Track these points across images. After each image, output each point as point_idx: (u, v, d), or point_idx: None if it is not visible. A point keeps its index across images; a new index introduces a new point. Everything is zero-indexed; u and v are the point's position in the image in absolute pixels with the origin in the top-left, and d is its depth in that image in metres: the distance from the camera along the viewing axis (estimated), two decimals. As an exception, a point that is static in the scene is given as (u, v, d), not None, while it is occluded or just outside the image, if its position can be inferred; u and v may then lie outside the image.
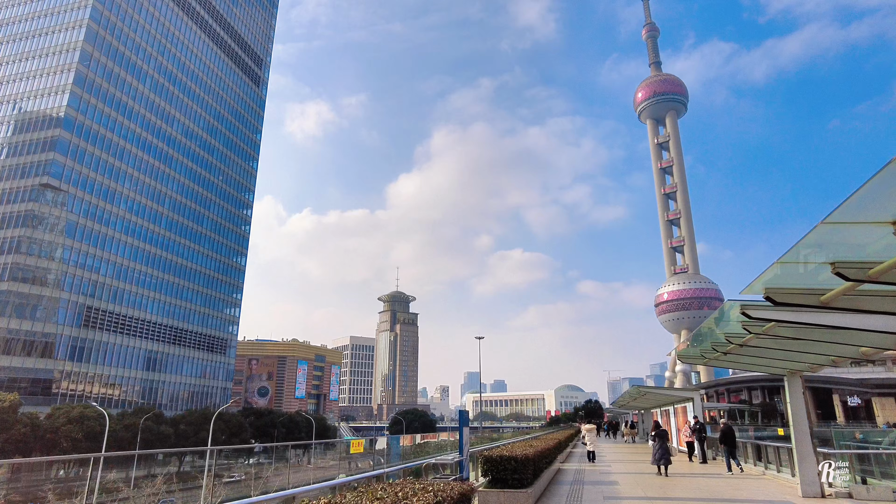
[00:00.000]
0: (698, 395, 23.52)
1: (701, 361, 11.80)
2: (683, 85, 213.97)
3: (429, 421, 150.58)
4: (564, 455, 26.14)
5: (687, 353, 12.09)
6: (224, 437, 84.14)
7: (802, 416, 11.23)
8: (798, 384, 11.41)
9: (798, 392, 11.28)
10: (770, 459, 16.86)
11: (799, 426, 11.57)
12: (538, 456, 11.54)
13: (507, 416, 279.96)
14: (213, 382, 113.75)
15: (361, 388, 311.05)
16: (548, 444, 14.87)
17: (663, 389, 32.39)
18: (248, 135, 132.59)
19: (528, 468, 10.42)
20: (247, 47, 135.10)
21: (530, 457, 10.74)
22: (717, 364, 11.90)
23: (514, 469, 10.09)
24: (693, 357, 12.09)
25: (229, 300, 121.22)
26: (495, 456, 10.16)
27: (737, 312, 6.90)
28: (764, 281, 5.83)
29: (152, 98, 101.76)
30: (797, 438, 11.74)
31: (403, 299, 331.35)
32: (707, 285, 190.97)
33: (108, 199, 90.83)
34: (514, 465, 10.08)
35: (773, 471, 16.55)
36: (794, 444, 11.76)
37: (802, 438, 11.67)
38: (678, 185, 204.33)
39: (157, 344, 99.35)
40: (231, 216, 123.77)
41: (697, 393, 23.67)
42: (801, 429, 11.54)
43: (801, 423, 11.39)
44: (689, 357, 12.40)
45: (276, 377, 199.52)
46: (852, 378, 70.48)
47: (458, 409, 8.81)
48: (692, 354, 11.86)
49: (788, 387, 11.59)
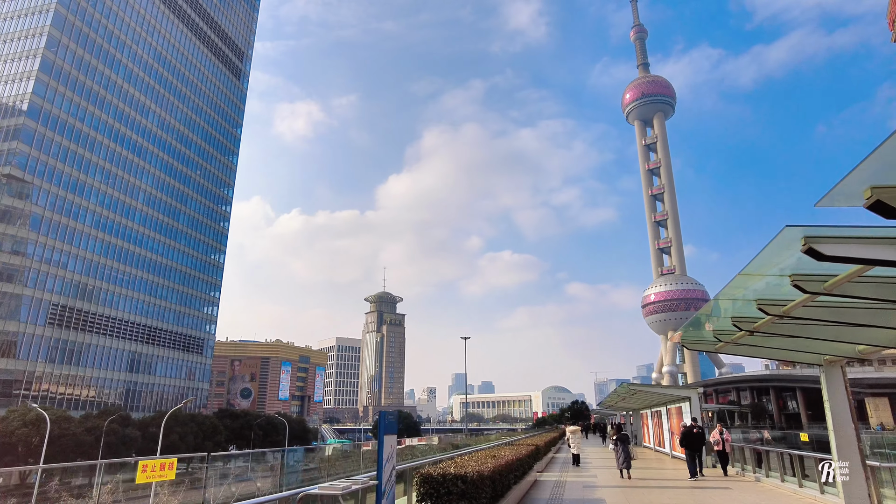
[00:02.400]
0: (696, 395, 20.75)
1: (709, 347, 9.21)
2: (671, 86, 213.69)
3: (413, 423, 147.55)
4: (545, 462, 23.62)
5: (693, 337, 9.51)
6: (197, 439, 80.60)
7: (846, 418, 8.62)
8: (839, 377, 8.79)
9: (839, 387, 8.69)
10: (793, 470, 14.03)
11: (841, 431, 8.99)
12: (502, 470, 8.99)
13: (493, 418, 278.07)
14: (189, 383, 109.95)
15: (347, 389, 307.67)
16: (518, 454, 12.13)
17: (656, 387, 29.38)
18: (227, 128, 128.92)
19: (482, 490, 7.88)
20: (227, 38, 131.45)
21: (487, 474, 8.25)
22: (728, 351, 9.11)
23: (463, 493, 7.40)
24: (700, 341, 9.45)
25: (207, 298, 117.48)
26: (437, 474, 7.41)
27: (791, 255, 4.31)
28: (869, 174, 3.12)
29: (125, 88, 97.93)
30: (840, 446, 9.16)
31: (390, 300, 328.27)
32: (694, 286, 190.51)
33: (78, 192, 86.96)
34: (463, 488, 7.42)
35: (792, 483, 14.06)
36: (836, 454, 9.23)
37: (847, 447, 9.07)
38: (665, 186, 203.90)
39: (130, 343, 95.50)
40: (209, 212, 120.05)
41: (695, 392, 20.90)
42: (845, 434, 8.96)
43: (844, 428, 8.77)
44: (696, 341, 9.74)
45: (260, 378, 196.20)
46: (845, 378, 68.92)
47: (380, 412, 5.97)
48: (699, 338, 9.29)
49: (826, 380, 9.12)
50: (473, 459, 9.37)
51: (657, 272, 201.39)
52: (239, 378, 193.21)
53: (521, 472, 12.26)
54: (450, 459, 9.66)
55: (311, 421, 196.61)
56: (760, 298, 6.02)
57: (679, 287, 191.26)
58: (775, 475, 15.76)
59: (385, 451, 6.58)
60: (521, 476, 12.05)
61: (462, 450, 22.14)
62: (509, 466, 10.31)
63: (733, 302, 6.65)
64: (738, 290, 6.27)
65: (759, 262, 5.11)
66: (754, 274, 5.80)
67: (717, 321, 7.76)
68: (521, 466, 12.20)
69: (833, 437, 8.85)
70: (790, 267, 4.87)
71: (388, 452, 6.66)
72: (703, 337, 9.03)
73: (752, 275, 5.82)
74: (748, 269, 5.56)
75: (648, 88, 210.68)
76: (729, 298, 6.39)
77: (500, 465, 9.20)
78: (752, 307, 6.41)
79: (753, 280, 5.79)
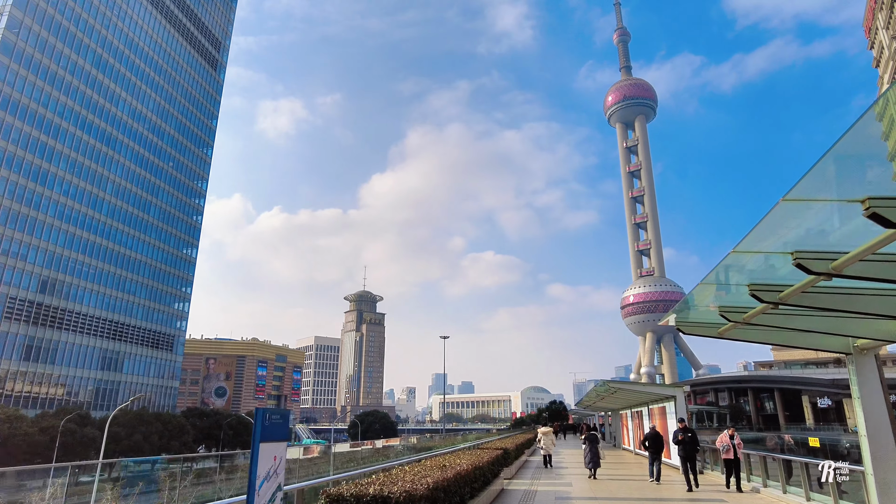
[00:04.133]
0: (681, 393, 19.08)
1: (708, 331, 7.40)
2: (653, 89, 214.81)
3: (390, 423, 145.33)
4: (517, 466, 21.92)
5: (690, 319, 7.72)
6: (163, 440, 77.55)
7: (882, 420, 6.61)
8: (872, 367, 6.90)
9: (873, 380, 6.82)
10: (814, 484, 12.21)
11: (877, 437, 6.97)
12: (448, 486, 7.15)
13: (472, 418, 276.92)
14: (157, 381, 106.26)
15: (325, 389, 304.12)
16: (478, 461, 10.09)
17: (638, 385, 27.52)
18: (202, 120, 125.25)
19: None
20: (203, 28, 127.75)
21: (421, 494, 6.24)
22: (732, 335, 7.16)
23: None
24: (698, 324, 7.69)
25: (177, 294, 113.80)
26: (348, 495, 5.64)
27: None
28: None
29: (93, 73, 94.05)
30: (875, 454, 7.13)
31: (370, 299, 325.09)
32: (672, 288, 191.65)
33: (40, 181, 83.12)
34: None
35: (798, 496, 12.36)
36: (870, 465, 7.25)
37: (885, 456, 7.09)
38: (646, 188, 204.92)
39: (95, 339, 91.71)
40: (181, 205, 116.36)
41: (681, 390, 19.25)
42: (881, 438, 7.00)
43: (879, 432, 6.76)
44: (693, 323, 7.93)
45: (235, 377, 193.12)
46: (824, 378, 68.39)
47: (256, 409, 4.04)
48: (698, 320, 7.53)
49: (857, 372, 7.09)
50: (412, 472, 7.48)
51: (636, 274, 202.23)
52: (214, 377, 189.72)
53: (482, 482, 10.42)
54: (382, 472, 7.78)
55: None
56: (801, 250, 4.32)
57: (658, 289, 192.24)
58: (796, 490, 13.13)
59: (261, 464, 4.61)
60: (481, 487, 10.19)
61: (421, 454, 20.23)
62: (462, 478, 8.45)
63: (748, 270, 5.03)
64: (757, 251, 4.65)
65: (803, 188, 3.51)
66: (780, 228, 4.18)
67: (723, 297, 6.07)
68: (482, 476, 10.34)
69: (866, 445, 7.07)
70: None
71: (267, 467, 4.72)
72: (703, 318, 7.30)
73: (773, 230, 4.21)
74: (755, 240, 3.99)
75: (630, 91, 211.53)
76: (753, 251, 4.68)
77: (445, 479, 7.31)
78: (781, 270, 4.76)
79: (787, 232, 4.19)
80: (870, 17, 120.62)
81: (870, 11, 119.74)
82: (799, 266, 4.69)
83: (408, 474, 7.29)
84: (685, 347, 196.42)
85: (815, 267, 4.57)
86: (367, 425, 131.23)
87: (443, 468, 8.32)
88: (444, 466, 8.55)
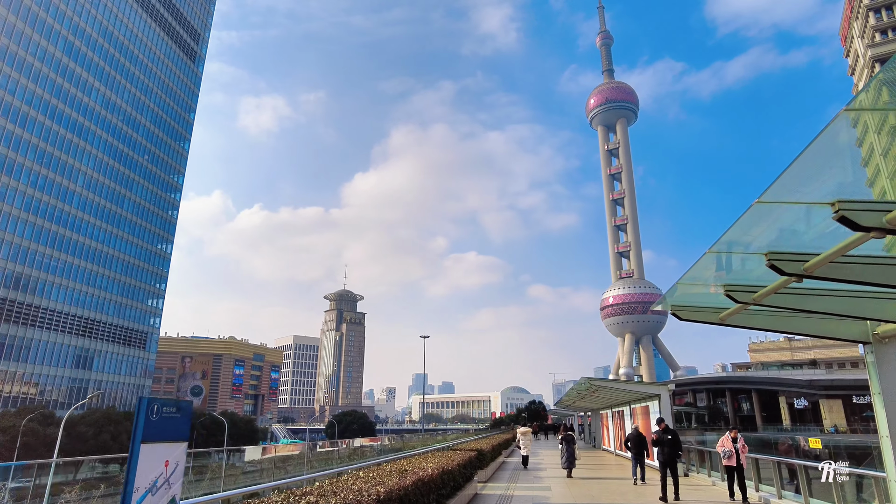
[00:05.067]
0: (667, 392, 18.28)
1: (708, 316, 6.43)
2: (634, 93, 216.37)
3: (368, 423, 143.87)
4: (493, 468, 21.03)
5: (687, 303, 6.76)
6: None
7: None
8: (894, 357, 6.16)
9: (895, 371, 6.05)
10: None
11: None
12: (405, 494, 6.16)
13: (452, 418, 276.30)
14: (130, 379, 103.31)
15: (304, 388, 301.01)
16: (446, 465, 9.02)
17: (621, 383, 26.43)
18: (179, 113, 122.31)
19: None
20: (181, 18, 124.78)
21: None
22: (735, 321, 6.07)
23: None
24: (697, 308, 6.74)
25: (151, 290, 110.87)
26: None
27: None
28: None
29: (64, 61, 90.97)
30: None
31: (351, 298, 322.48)
32: (651, 290, 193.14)
33: (6, 171, 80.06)
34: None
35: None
36: (892, 464, 6.27)
37: None
38: (626, 191, 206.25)
39: (63, 336, 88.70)
40: (156, 199, 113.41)
41: (666, 388, 18.43)
42: None
43: None
44: (691, 308, 6.83)
45: (212, 376, 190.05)
46: (802, 379, 68.93)
47: (140, 398, 3.02)
48: (696, 304, 6.61)
49: (877, 363, 6.19)
50: (365, 479, 6.46)
51: (616, 275, 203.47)
52: (190, 375, 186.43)
53: (452, 487, 9.36)
54: (329, 479, 6.76)
55: (263, 420, 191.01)
56: (838, 199, 3.58)
57: (637, 290, 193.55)
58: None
59: (143, 471, 3.57)
60: (450, 493, 9.12)
61: (389, 455, 19.16)
62: (425, 485, 7.43)
63: (767, 237, 4.29)
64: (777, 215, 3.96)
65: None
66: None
67: (730, 274, 5.23)
68: (451, 481, 9.32)
69: (888, 447, 6.19)
70: None
71: (153, 475, 3.72)
72: (702, 302, 6.41)
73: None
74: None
75: (612, 94, 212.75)
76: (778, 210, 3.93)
77: (402, 488, 6.32)
78: (812, 231, 4.02)
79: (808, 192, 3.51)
80: (846, 27, 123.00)
81: (846, 21, 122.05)
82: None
83: (359, 481, 6.27)
84: (663, 349, 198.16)
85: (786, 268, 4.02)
86: (345, 425, 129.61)
87: (402, 473, 7.27)
88: (404, 472, 7.50)
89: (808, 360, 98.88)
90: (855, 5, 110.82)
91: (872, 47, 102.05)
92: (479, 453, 15.44)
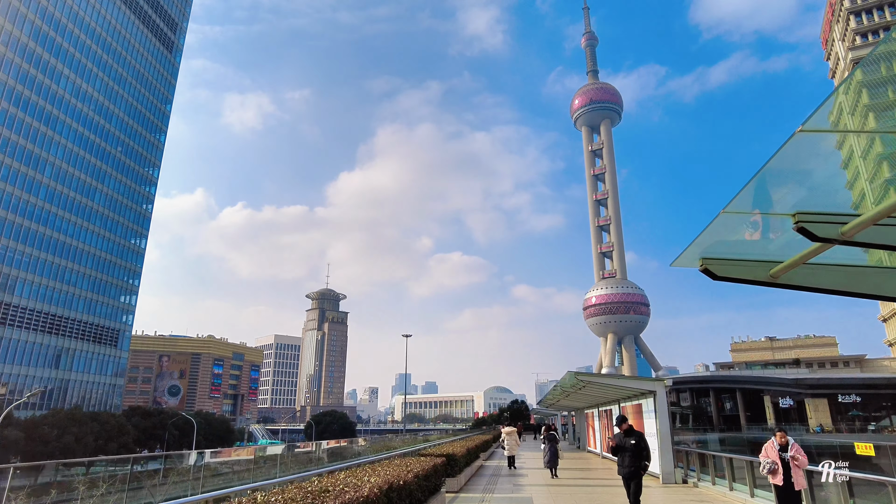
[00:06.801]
0: (663, 387, 16.10)
1: (755, 273, 4.45)
2: (618, 94, 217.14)
3: (348, 423, 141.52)
4: (470, 472, 19.35)
5: (728, 254, 4.75)
6: (99, 441, 72.22)
7: None
8: None
9: None
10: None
11: None
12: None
13: (435, 418, 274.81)
14: (100, 378, 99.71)
15: (285, 388, 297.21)
16: (401, 475, 6.71)
17: (612, 378, 23.83)
18: (155, 103, 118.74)
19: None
20: (157, 6, 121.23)
21: None
22: (797, 280, 4.56)
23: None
24: (739, 262, 4.80)
25: (123, 286, 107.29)
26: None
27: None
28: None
29: (31, 46, 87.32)
30: None
31: (333, 297, 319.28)
32: (634, 290, 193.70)
33: (-32, 160, 76.51)
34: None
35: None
36: None
37: None
38: (609, 191, 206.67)
39: (27, 333, 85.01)
40: (130, 192, 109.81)
41: (662, 384, 16.31)
42: None
43: None
44: (731, 262, 4.83)
45: (190, 375, 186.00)
46: (787, 378, 68.56)
47: None
48: (740, 256, 4.90)
49: None
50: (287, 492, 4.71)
51: (599, 276, 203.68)
52: (167, 374, 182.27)
53: (410, 502, 7.62)
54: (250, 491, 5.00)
55: (242, 420, 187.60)
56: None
57: (619, 290, 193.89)
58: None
59: None
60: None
61: (354, 460, 17.30)
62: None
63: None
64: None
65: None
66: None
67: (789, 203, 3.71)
68: (407, 496, 7.44)
69: None
70: None
71: None
72: (744, 254, 4.78)
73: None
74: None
75: (597, 95, 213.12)
76: None
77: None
78: None
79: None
80: (827, 30, 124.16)
81: (827, 24, 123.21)
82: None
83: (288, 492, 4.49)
84: (645, 349, 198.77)
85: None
86: (325, 426, 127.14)
87: (323, 494, 5.36)
88: (325, 492, 5.57)
89: (791, 359, 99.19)
90: (836, 9, 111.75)
91: (853, 50, 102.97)
92: (450, 459, 13.48)
